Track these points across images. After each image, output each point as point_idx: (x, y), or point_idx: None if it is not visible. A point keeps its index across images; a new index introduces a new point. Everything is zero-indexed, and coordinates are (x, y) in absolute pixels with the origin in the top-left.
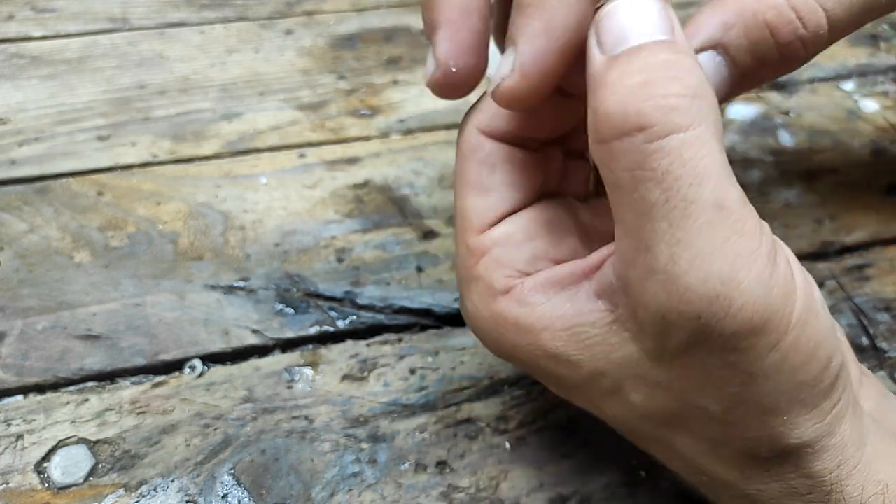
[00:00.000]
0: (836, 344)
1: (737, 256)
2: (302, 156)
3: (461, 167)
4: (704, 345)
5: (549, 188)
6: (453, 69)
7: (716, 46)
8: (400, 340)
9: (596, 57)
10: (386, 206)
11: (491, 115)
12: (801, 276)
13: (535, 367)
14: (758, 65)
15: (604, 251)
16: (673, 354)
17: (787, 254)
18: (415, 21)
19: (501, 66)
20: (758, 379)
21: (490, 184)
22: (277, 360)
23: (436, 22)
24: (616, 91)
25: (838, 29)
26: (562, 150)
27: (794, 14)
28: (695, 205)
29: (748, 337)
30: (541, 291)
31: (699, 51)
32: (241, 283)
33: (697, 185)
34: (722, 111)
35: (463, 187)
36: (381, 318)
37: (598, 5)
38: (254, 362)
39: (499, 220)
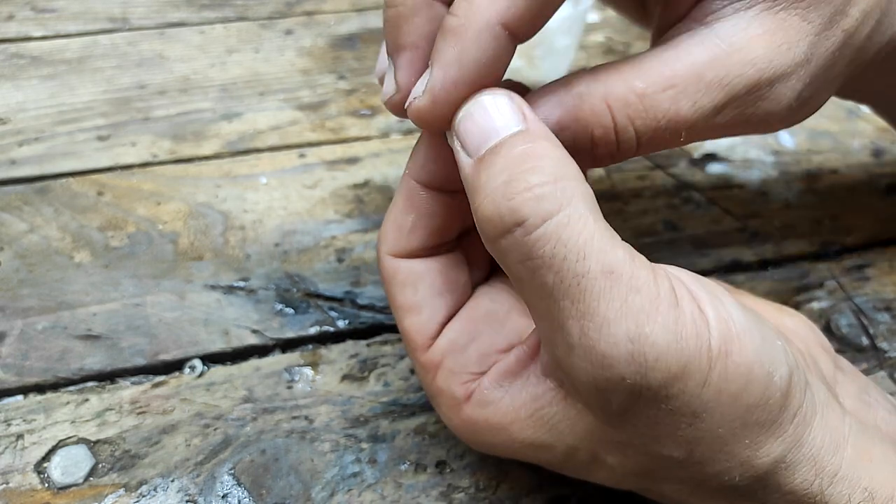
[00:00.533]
0: (775, 357)
1: (638, 313)
2: (302, 156)
3: (389, 293)
4: (640, 401)
5: (478, 278)
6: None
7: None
8: (400, 340)
9: (464, 161)
10: (386, 206)
11: (395, 237)
12: (711, 309)
13: (518, 456)
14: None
15: (537, 333)
16: (620, 416)
17: (691, 290)
18: None
19: (418, 84)
20: (702, 416)
21: (417, 302)
22: (277, 360)
23: (400, 45)
24: (486, 194)
25: (644, 149)
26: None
27: (613, 137)
28: (585, 278)
29: (673, 383)
30: (497, 386)
31: None
32: (241, 283)
33: (583, 260)
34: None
35: (397, 311)
36: (381, 318)
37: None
38: (254, 362)
39: (439, 332)
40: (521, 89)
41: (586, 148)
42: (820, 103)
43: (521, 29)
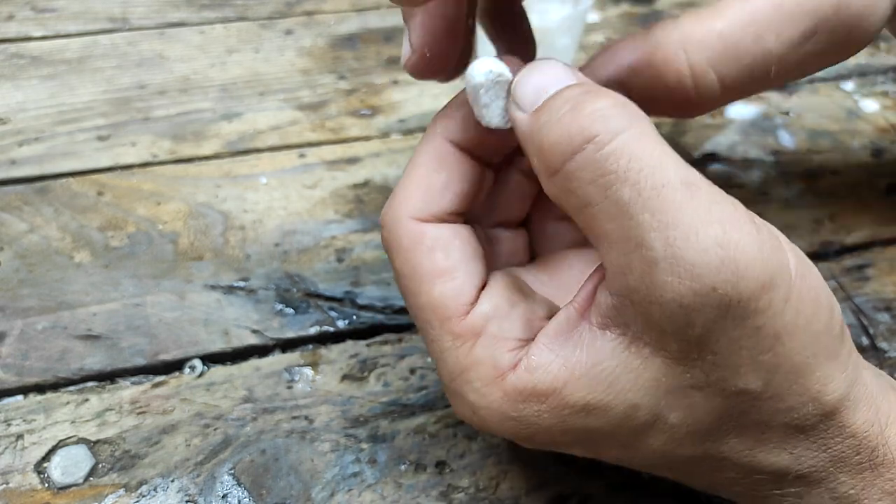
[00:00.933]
0: (830, 292)
1: (723, 221)
2: (302, 156)
3: (408, 263)
4: (727, 318)
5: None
6: (427, 55)
7: (618, 85)
8: (400, 340)
9: (520, 117)
10: None
11: (423, 198)
12: (781, 235)
13: (562, 430)
14: (650, 107)
15: (588, 285)
16: (702, 343)
17: (759, 217)
18: None
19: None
20: (783, 337)
21: (451, 265)
22: (277, 360)
23: (412, 8)
24: (551, 126)
25: (732, 93)
26: (486, 228)
27: (691, 82)
28: (666, 188)
29: (762, 295)
30: (547, 350)
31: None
32: (241, 283)
33: (662, 170)
34: None
35: (421, 281)
36: (381, 318)
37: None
38: (254, 362)
39: (476, 298)
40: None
41: (663, 95)
42: None
43: None
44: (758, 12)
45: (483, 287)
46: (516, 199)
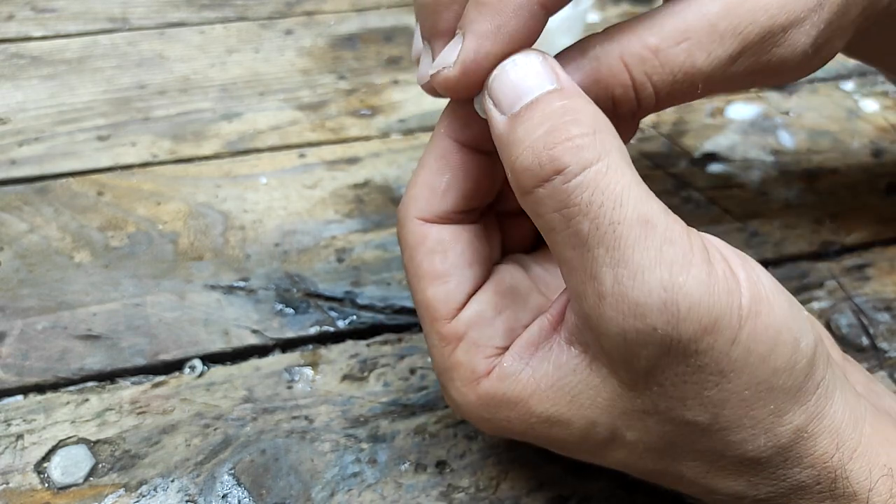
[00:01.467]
0: (801, 325)
1: (672, 263)
2: (302, 156)
3: (412, 261)
4: (669, 355)
5: (496, 254)
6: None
7: None
8: (400, 340)
9: (497, 118)
10: (386, 206)
11: (427, 198)
12: (742, 271)
13: (532, 436)
14: None
15: (562, 298)
16: (646, 375)
17: (722, 252)
18: (415, 21)
19: (446, 54)
20: (730, 376)
21: (446, 269)
22: (277, 360)
23: (439, 31)
24: (526, 145)
25: (662, 103)
26: (496, 213)
27: (633, 94)
28: (622, 225)
29: (703, 337)
30: (518, 359)
31: None
32: (241, 283)
33: (620, 207)
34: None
35: (420, 280)
36: (381, 318)
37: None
38: (254, 362)
39: (465, 304)
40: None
41: (608, 108)
42: (833, 52)
43: (554, 2)
44: (691, 30)
45: (475, 291)
46: None
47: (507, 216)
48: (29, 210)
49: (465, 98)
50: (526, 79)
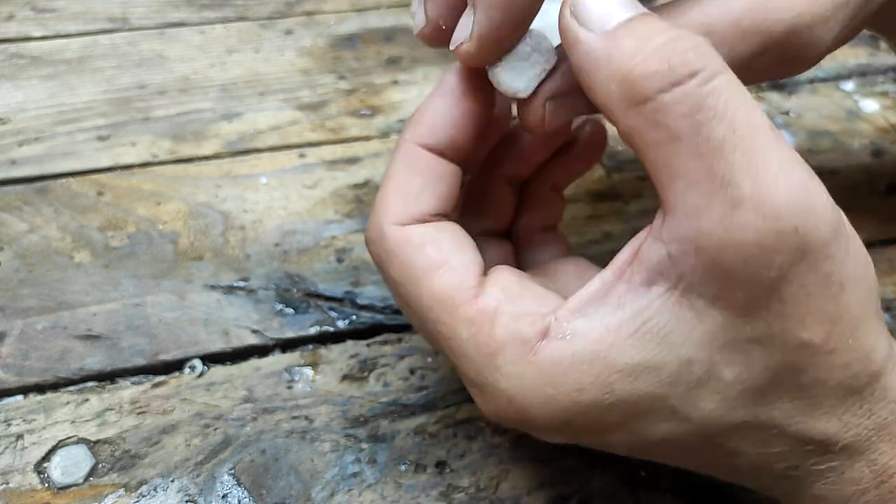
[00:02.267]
0: None
1: (804, 168)
2: (302, 156)
3: (402, 265)
4: (802, 262)
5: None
6: (443, 27)
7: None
8: (400, 340)
9: (589, 37)
10: None
11: (402, 204)
12: None
13: (609, 406)
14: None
15: (633, 243)
16: (772, 290)
17: None
18: None
19: (461, 28)
20: (846, 288)
21: (444, 257)
22: (277, 360)
23: None
24: (647, 51)
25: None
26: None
27: None
28: (759, 129)
29: (833, 241)
30: (581, 316)
31: None
32: (241, 283)
33: (754, 113)
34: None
35: (419, 279)
36: (381, 318)
37: None
38: (254, 362)
39: (479, 283)
40: None
41: None
42: (852, 37)
43: None
44: (714, 25)
45: (484, 274)
46: (500, 206)
47: (483, 239)
48: (29, 210)
49: (482, 65)
50: (610, 4)
